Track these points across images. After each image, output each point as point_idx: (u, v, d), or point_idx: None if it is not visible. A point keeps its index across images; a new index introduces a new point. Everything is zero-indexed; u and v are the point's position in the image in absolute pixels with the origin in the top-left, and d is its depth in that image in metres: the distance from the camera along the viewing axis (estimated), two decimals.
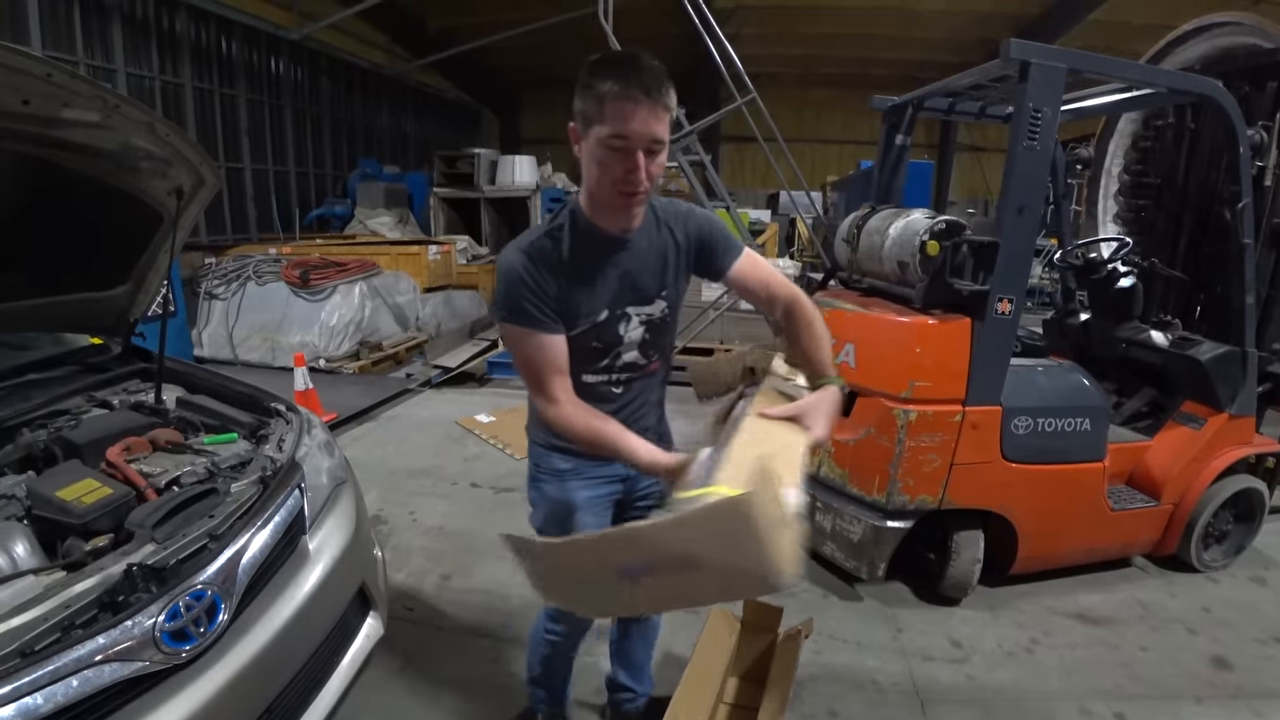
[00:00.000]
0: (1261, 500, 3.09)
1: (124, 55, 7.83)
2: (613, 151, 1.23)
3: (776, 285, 1.53)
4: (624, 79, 1.19)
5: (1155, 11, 9.69)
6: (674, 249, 1.48)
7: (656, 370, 1.58)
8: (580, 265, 1.38)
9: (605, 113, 1.21)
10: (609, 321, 1.44)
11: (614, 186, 1.27)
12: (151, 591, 1.28)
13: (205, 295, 6.45)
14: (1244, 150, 2.72)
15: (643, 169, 1.25)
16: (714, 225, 1.53)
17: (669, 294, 1.49)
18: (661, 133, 1.25)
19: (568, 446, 1.54)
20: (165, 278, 2.36)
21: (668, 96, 1.24)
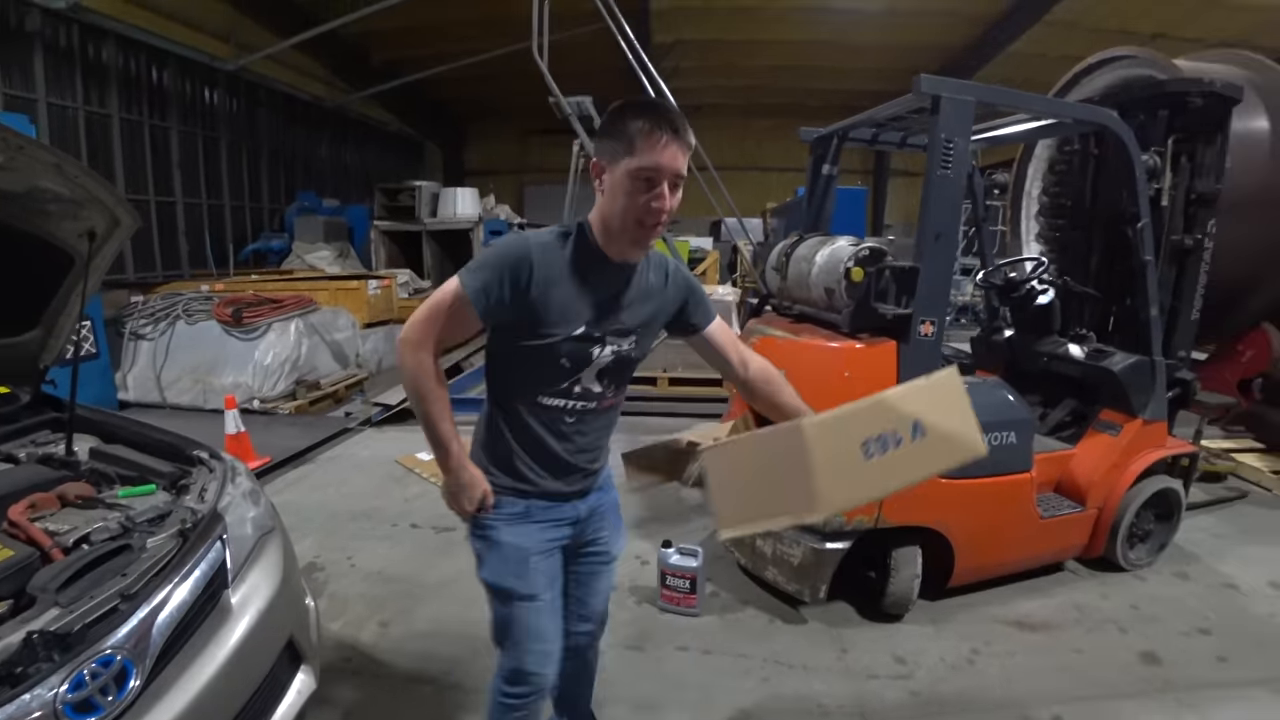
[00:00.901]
0: (1178, 499, 3.25)
1: (45, 84, 7.55)
2: (641, 182, 1.33)
3: (745, 349, 1.67)
4: (654, 118, 1.32)
5: (1068, 44, 10.38)
6: (660, 294, 1.55)
7: (610, 408, 1.59)
8: (575, 274, 1.43)
9: (636, 147, 1.31)
10: (584, 339, 1.45)
11: (637, 216, 1.36)
12: (54, 660, 1.21)
13: (131, 335, 6.17)
14: (1140, 174, 2.91)
15: (667, 200, 1.35)
16: (696, 285, 1.64)
17: (642, 334, 1.54)
18: (684, 169, 1.36)
19: (518, 487, 1.53)
20: (78, 322, 2.26)
21: (690, 136, 1.36)
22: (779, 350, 2.83)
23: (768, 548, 2.79)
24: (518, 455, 1.53)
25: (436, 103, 16.12)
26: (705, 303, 1.63)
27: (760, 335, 2.97)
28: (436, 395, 1.43)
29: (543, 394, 1.48)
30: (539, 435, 1.51)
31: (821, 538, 2.66)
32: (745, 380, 1.65)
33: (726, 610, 2.92)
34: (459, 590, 3.00)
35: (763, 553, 2.81)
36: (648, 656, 2.61)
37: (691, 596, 2.86)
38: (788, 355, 2.78)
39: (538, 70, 4.98)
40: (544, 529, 1.57)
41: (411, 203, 10.02)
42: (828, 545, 2.65)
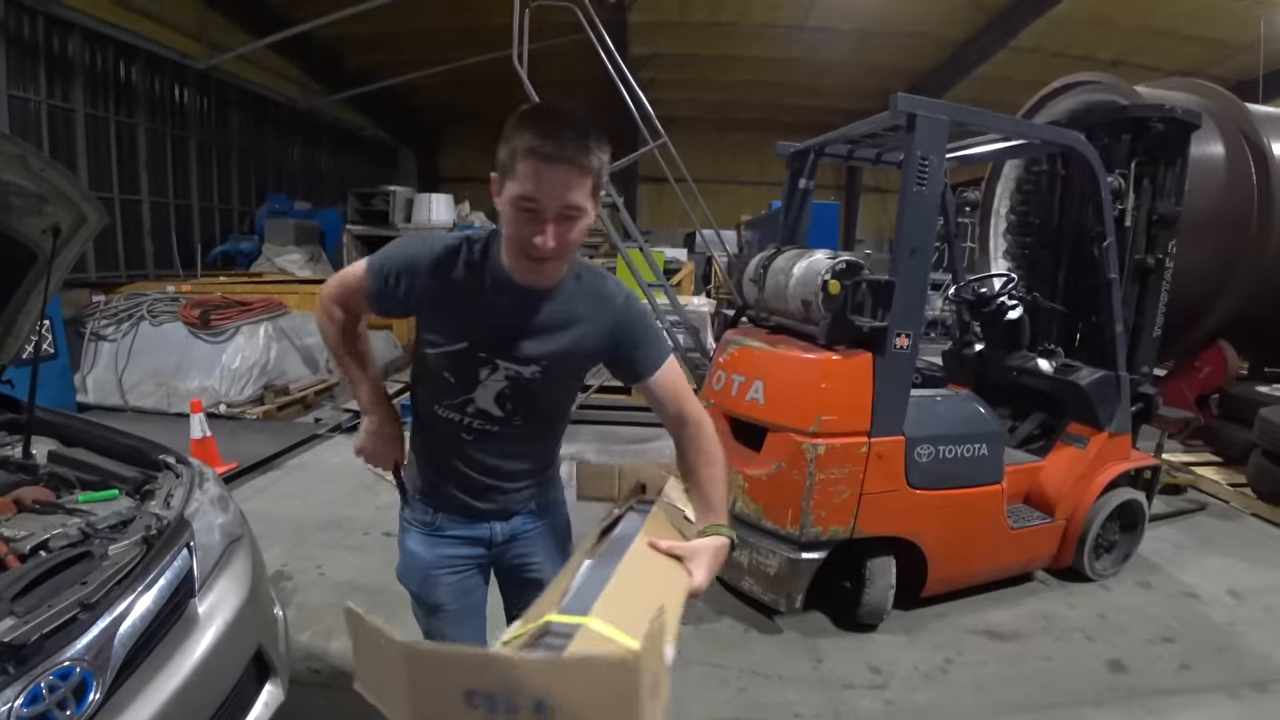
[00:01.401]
0: (1142, 510, 3.34)
1: (7, 76, 7.31)
2: (521, 213, 1.14)
3: (686, 402, 1.40)
4: (542, 135, 1.09)
5: (1032, 69, 10.71)
6: (583, 327, 1.34)
7: (525, 435, 1.42)
8: (475, 287, 1.29)
9: (518, 170, 1.12)
10: (468, 358, 1.32)
11: (519, 247, 1.19)
12: (8, 673, 1.16)
13: (92, 336, 5.98)
14: (1105, 194, 3.01)
15: (550, 236, 1.14)
16: (646, 326, 1.40)
17: (550, 366, 1.35)
18: (578, 199, 1.14)
19: (429, 492, 1.47)
20: (38, 320, 2.18)
21: (590, 158, 1.12)
22: (757, 361, 2.85)
23: (744, 558, 2.80)
24: (425, 461, 1.48)
25: (411, 109, 16.00)
26: (649, 349, 1.38)
27: (738, 346, 2.99)
28: (343, 345, 1.45)
29: (438, 404, 1.39)
30: (440, 446, 1.44)
31: (797, 548, 2.67)
32: (677, 440, 1.41)
33: (702, 620, 2.91)
34: None
35: (739, 563, 2.82)
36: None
37: None
38: (766, 366, 2.81)
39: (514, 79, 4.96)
40: (452, 545, 1.49)
41: (385, 207, 9.90)
42: (803, 555, 2.67)
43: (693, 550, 1.21)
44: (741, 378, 2.86)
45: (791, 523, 2.65)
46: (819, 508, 2.61)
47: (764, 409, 2.76)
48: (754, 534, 2.79)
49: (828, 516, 2.63)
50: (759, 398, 2.77)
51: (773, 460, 2.71)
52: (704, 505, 1.35)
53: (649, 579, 1.12)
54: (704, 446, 1.37)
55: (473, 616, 1.55)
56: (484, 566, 1.56)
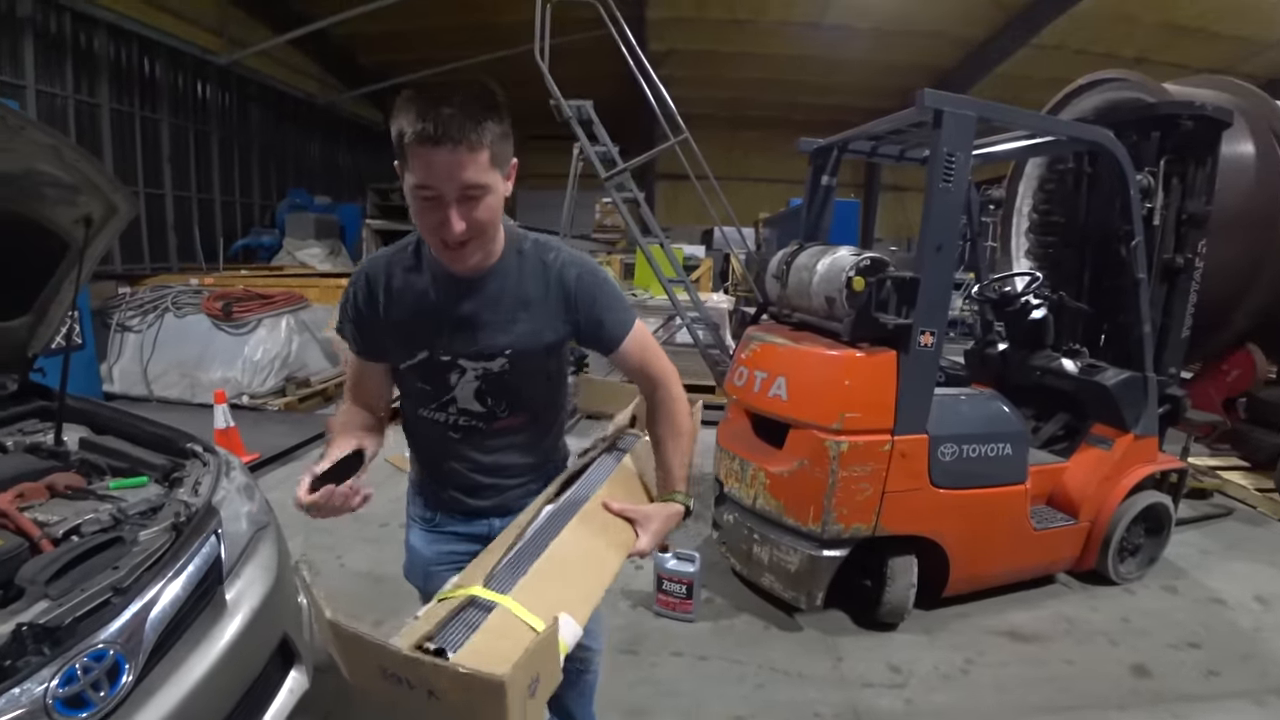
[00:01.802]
0: (1168, 514, 3.29)
1: (35, 71, 7.43)
2: (422, 201, 1.10)
3: (655, 366, 1.38)
4: (421, 120, 1.03)
5: (1054, 67, 10.57)
6: (540, 306, 1.29)
7: (514, 429, 1.39)
8: (408, 294, 1.26)
9: (408, 159, 1.07)
10: (431, 367, 1.29)
11: (433, 235, 1.15)
12: (44, 654, 1.18)
13: (118, 327, 6.07)
14: (1134, 193, 2.96)
15: (456, 220, 1.09)
16: (605, 291, 1.32)
17: (515, 353, 1.29)
18: (475, 177, 1.07)
19: (426, 490, 1.48)
20: (70, 310, 2.21)
21: (477, 133, 1.05)
22: (780, 358, 2.84)
23: (764, 555, 2.79)
24: (420, 463, 1.50)
25: None
26: (614, 315, 1.32)
27: (760, 342, 2.98)
28: (330, 437, 1.30)
29: (421, 409, 1.37)
30: (431, 448, 1.43)
31: (819, 545, 2.66)
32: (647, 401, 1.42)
33: (721, 616, 2.91)
34: None
35: (759, 559, 2.81)
36: (641, 661, 2.59)
37: (687, 602, 2.84)
38: (789, 363, 2.79)
39: (530, 77, 4.97)
40: (452, 541, 1.49)
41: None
42: (824, 553, 2.65)
43: (645, 516, 1.26)
44: (764, 374, 2.85)
45: (813, 520, 2.64)
46: (841, 505, 2.60)
47: (786, 405, 2.75)
48: (775, 530, 2.78)
49: (850, 514, 2.62)
50: (781, 394, 2.75)
51: (795, 457, 2.70)
52: (664, 473, 1.37)
53: (584, 553, 1.16)
54: (669, 411, 1.37)
55: None
56: None
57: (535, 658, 0.84)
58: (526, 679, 0.82)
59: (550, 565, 1.10)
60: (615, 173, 5.19)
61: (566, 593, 1.06)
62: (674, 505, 1.31)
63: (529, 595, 1.01)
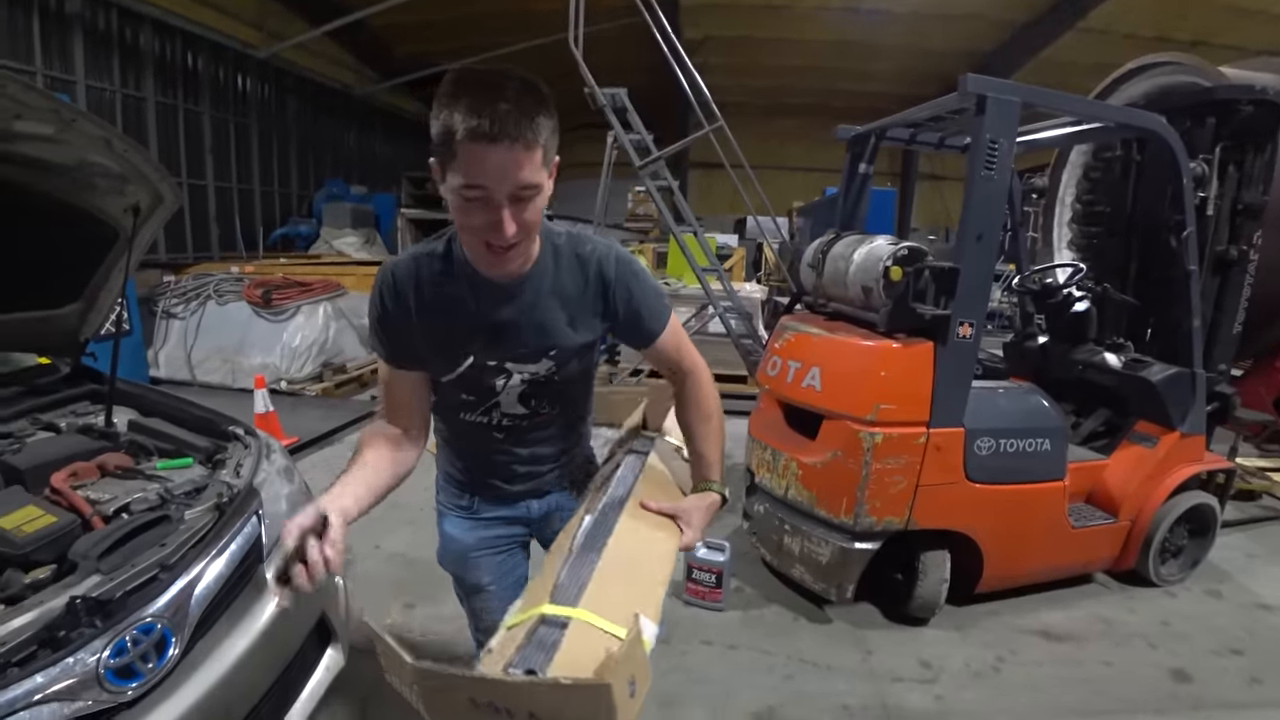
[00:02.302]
0: (1214, 515, 3.18)
1: (84, 67, 7.66)
2: (471, 202, 1.02)
3: (687, 358, 1.36)
4: (476, 115, 0.95)
5: (1100, 52, 10.20)
6: (578, 302, 1.25)
7: (556, 417, 1.41)
8: (446, 303, 1.19)
9: (458, 157, 0.99)
10: (477, 373, 1.26)
11: (478, 238, 1.07)
12: (96, 626, 1.22)
13: (163, 314, 6.27)
14: (1187, 182, 2.85)
15: (508, 222, 1.03)
16: (642, 284, 1.28)
17: (560, 354, 1.27)
18: (527, 177, 1.01)
19: (462, 479, 1.47)
20: (119, 297, 2.29)
21: (532, 131, 0.98)
22: (815, 348, 2.81)
23: (795, 546, 2.78)
24: (455, 456, 1.48)
25: None
26: (651, 307, 1.29)
27: (795, 332, 2.95)
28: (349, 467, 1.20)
29: (463, 414, 1.35)
30: (470, 446, 1.43)
31: (850, 537, 2.64)
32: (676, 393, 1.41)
33: (751, 606, 2.90)
34: None
35: (790, 550, 2.79)
36: (671, 650, 2.60)
37: (717, 591, 2.82)
38: (823, 353, 2.76)
39: (563, 65, 4.97)
40: (489, 526, 1.50)
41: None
42: (856, 545, 2.63)
43: (685, 510, 1.25)
44: (798, 364, 2.82)
45: (845, 512, 2.61)
46: (874, 498, 2.57)
47: (820, 396, 2.72)
48: (806, 522, 2.76)
49: (882, 507, 2.58)
50: (815, 384, 2.73)
51: (828, 448, 2.67)
52: (697, 461, 1.37)
53: (638, 551, 1.16)
54: (700, 400, 1.36)
55: (516, 592, 1.56)
56: (524, 543, 1.59)
57: (628, 660, 0.82)
58: (625, 681, 0.80)
59: (610, 570, 1.09)
60: (649, 161, 5.16)
61: (633, 593, 1.05)
62: (711, 495, 1.30)
63: (599, 603, 1.00)
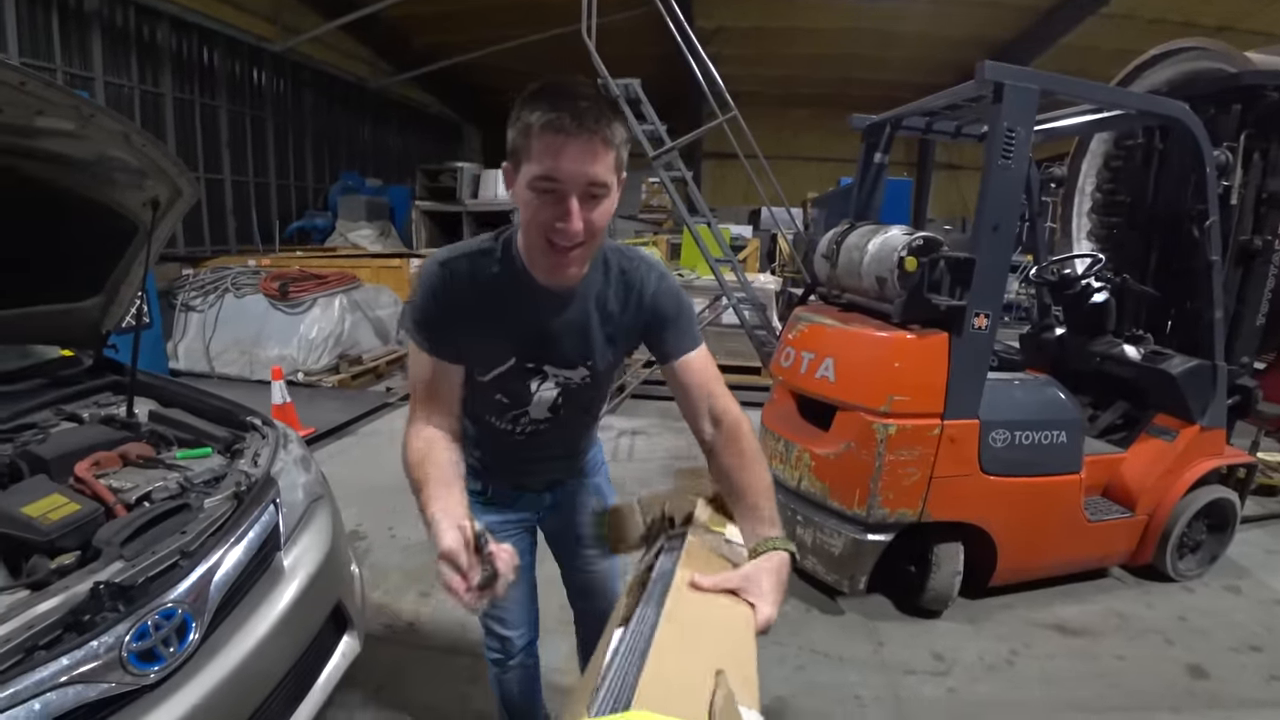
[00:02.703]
0: (1234, 510, 3.14)
1: (103, 64, 7.77)
2: (542, 195, 1.04)
3: (721, 398, 1.24)
4: (555, 109, 0.99)
5: (1123, 38, 10.01)
6: (617, 320, 1.27)
7: (575, 422, 1.45)
8: (496, 304, 1.20)
9: (533, 149, 1.02)
10: (516, 373, 1.28)
11: (543, 234, 1.07)
12: (119, 610, 1.25)
13: (182, 307, 6.35)
14: (1210, 170, 2.79)
15: (577, 217, 1.04)
16: (679, 304, 1.28)
17: (596, 363, 1.30)
18: (601, 174, 1.03)
19: (478, 467, 1.48)
20: (139, 289, 2.32)
21: (609, 130, 1.02)
22: (828, 339, 2.80)
23: (808, 537, 2.77)
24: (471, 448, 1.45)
25: (475, 87, 16.20)
26: (680, 328, 1.27)
27: (808, 323, 2.94)
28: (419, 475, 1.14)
29: (491, 417, 1.38)
30: (489, 444, 1.45)
31: (863, 529, 2.63)
32: (706, 443, 1.25)
33: None
34: None
35: (803, 541, 2.79)
36: None
37: None
38: (837, 344, 2.75)
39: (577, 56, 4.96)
40: (501, 511, 1.54)
41: (452, 184, 10.11)
42: (869, 537, 2.62)
43: (747, 578, 1.01)
44: (811, 355, 2.81)
45: (858, 503, 2.61)
46: (887, 489, 2.56)
47: (834, 387, 2.71)
48: (819, 513, 2.76)
49: (896, 499, 2.58)
50: (829, 375, 2.72)
51: (841, 439, 2.67)
52: (752, 516, 1.13)
53: (698, 634, 0.91)
54: (743, 447, 1.19)
55: (523, 577, 1.61)
56: (530, 529, 1.63)
57: None
58: None
59: (664, 660, 0.83)
60: (662, 151, 5.15)
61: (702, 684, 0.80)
62: (778, 554, 1.05)
63: (655, 699, 0.76)
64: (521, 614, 1.64)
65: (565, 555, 1.70)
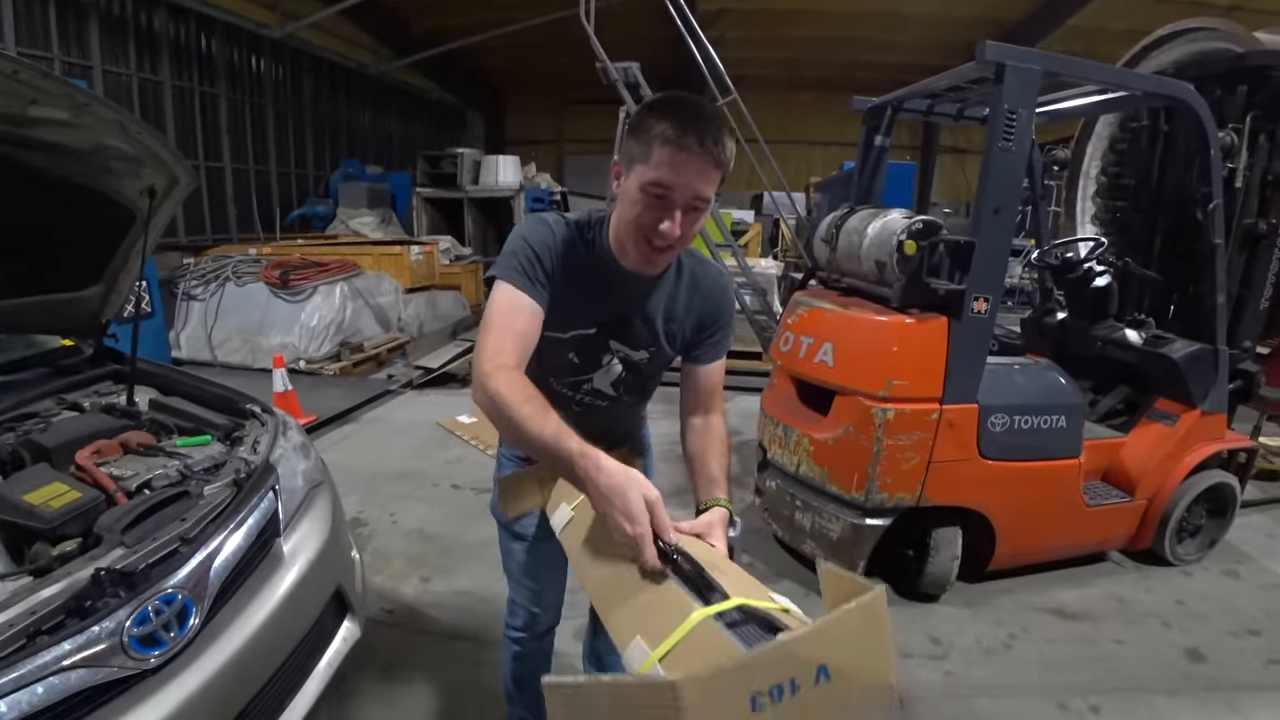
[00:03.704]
0: (1233, 495, 3.14)
1: (100, 52, 7.73)
2: (651, 199, 1.14)
3: (718, 400, 1.45)
4: (681, 125, 1.09)
5: (1132, 18, 9.85)
6: (681, 317, 1.39)
7: (629, 406, 1.53)
8: (589, 273, 1.30)
9: (652, 156, 1.11)
10: (594, 342, 1.37)
11: (644, 234, 1.18)
12: (120, 596, 1.26)
13: (183, 296, 6.36)
14: (1215, 152, 2.76)
15: (678, 225, 1.15)
16: (730, 317, 1.45)
17: (657, 350, 1.41)
18: (707, 192, 1.14)
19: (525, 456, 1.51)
20: (138, 278, 2.33)
21: (723, 152, 1.12)
22: (827, 323, 2.80)
23: (806, 521, 2.78)
24: None
25: (477, 71, 16.09)
26: (722, 339, 1.43)
27: (808, 307, 2.93)
28: (534, 405, 1.10)
29: (554, 379, 1.42)
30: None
31: (862, 513, 2.64)
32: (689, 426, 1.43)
33: (763, 582, 2.89)
34: (497, 551, 3.05)
35: (801, 526, 2.80)
36: None
37: None
38: (836, 328, 2.75)
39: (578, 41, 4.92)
40: None
41: (453, 170, 10.05)
42: (868, 521, 2.63)
43: (708, 524, 1.17)
44: (810, 339, 2.81)
45: (857, 488, 2.61)
46: (886, 474, 2.56)
47: (832, 371, 2.71)
48: (817, 498, 2.77)
49: (894, 483, 2.58)
50: (828, 360, 2.71)
51: (840, 424, 2.67)
52: (708, 481, 1.32)
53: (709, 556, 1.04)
54: (716, 435, 1.38)
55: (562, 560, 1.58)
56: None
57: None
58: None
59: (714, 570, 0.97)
60: None
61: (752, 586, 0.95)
62: (722, 510, 1.23)
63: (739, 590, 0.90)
64: (555, 596, 1.69)
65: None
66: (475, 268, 9.21)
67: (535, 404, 1.10)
